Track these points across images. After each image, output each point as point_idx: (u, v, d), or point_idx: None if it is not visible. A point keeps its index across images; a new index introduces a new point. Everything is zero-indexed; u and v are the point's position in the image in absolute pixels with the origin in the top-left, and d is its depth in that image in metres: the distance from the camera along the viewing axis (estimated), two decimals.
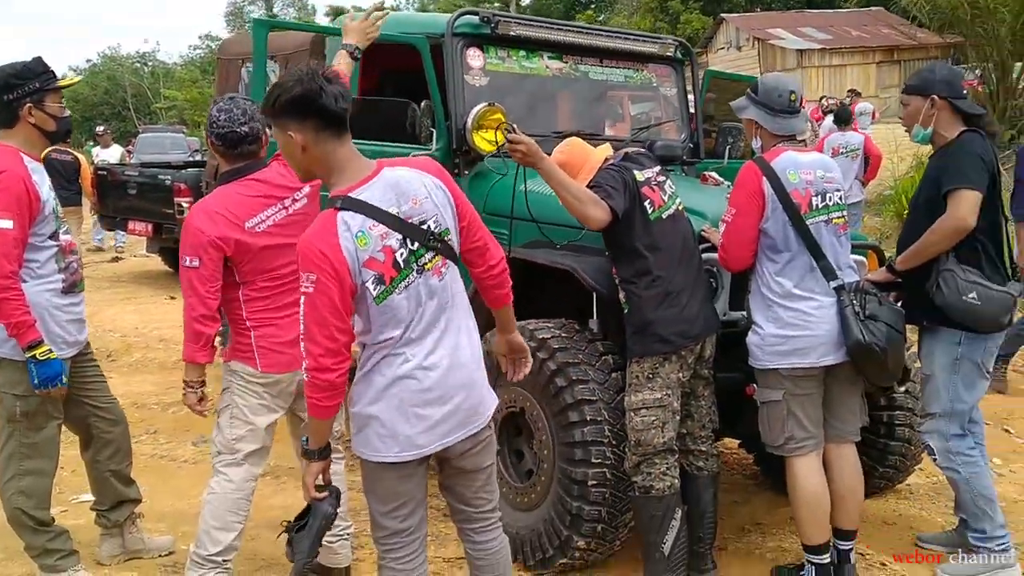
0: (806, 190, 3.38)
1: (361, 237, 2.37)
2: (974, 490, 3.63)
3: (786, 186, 3.35)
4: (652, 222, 3.38)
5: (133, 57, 66.25)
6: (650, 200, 3.40)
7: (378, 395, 2.49)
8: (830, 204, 3.43)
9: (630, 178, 3.39)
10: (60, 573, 3.46)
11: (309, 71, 2.43)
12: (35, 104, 3.32)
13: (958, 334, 3.55)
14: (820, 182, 3.43)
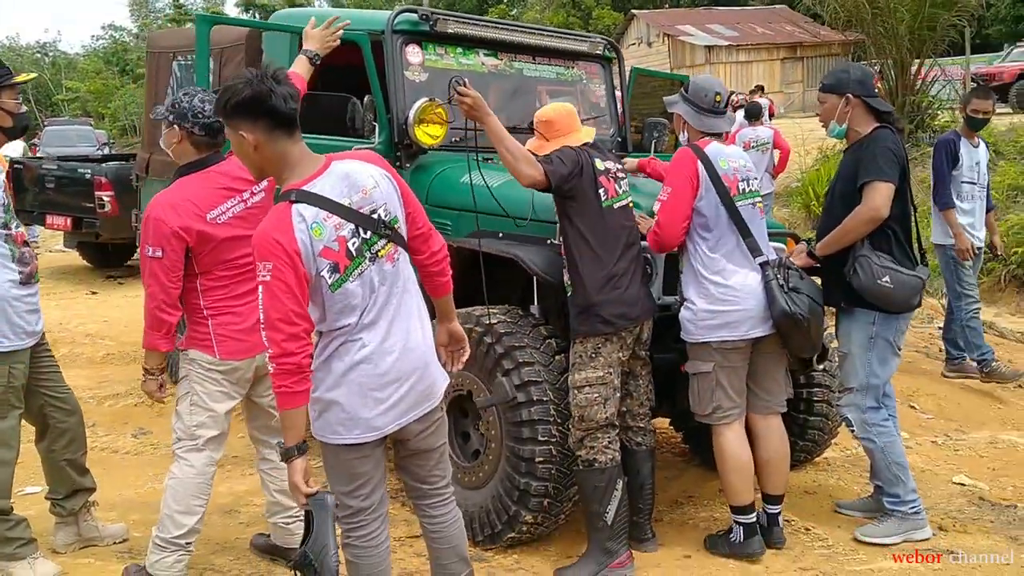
0: (734, 175, 3.70)
1: (316, 228, 2.48)
2: (888, 458, 3.94)
3: (718, 170, 3.65)
4: (603, 209, 3.59)
5: (33, 47, 64.01)
6: (605, 189, 3.62)
7: (337, 381, 2.60)
8: (752, 190, 3.77)
9: (586, 161, 3.61)
10: (19, 560, 3.49)
11: (258, 73, 2.52)
12: None
13: (872, 314, 3.85)
14: (743, 170, 3.76)
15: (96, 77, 48.30)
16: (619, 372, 3.66)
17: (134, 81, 46.64)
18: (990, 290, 9.97)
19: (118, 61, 53.86)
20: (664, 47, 34.49)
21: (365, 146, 4.36)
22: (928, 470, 4.87)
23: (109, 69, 52.06)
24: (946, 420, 5.79)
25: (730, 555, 3.79)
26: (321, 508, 2.55)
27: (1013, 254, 9.07)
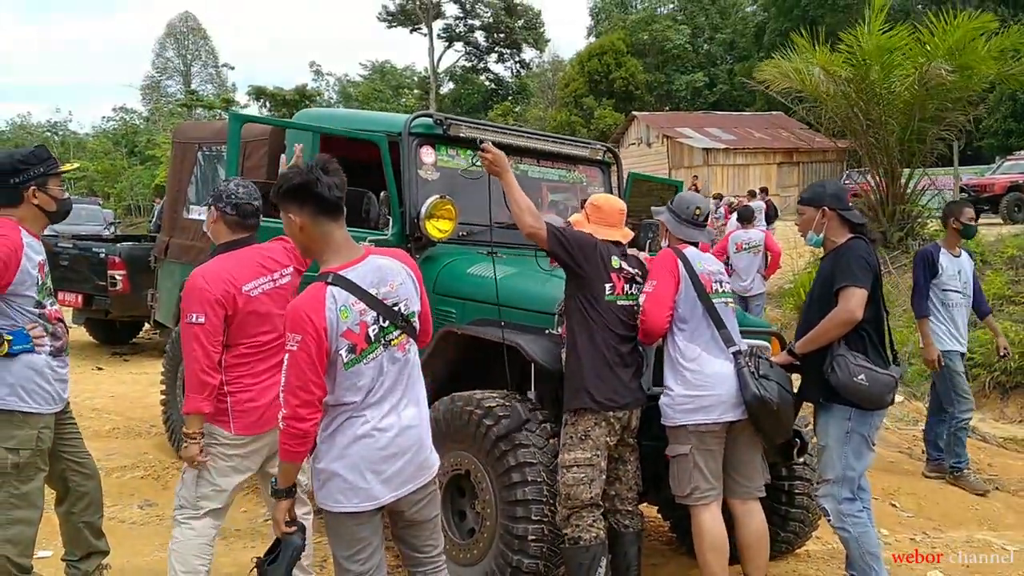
0: (709, 276, 4.06)
1: (344, 311, 2.79)
2: (862, 547, 4.15)
3: (696, 270, 4.01)
4: (606, 301, 3.91)
5: (44, 126, 65.29)
6: (613, 284, 3.95)
7: (340, 453, 2.87)
8: (725, 291, 4.13)
9: (602, 253, 3.97)
10: None
11: (309, 165, 2.88)
12: (39, 187, 3.69)
13: (848, 410, 4.12)
14: (717, 274, 4.13)
15: (104, 157, 49.18)
16: (606, 456, 3.91)
17: (142, 163, 47.57)
18: (976, 395, 10.24)
19: (127, 143, 54.90)
20: (663, 148, 35.35)
21: (377, 237, 4.69)
22: (905, 565, 5.06)
23: (118, 150, 53.02)
24: (925, 519, 5.98)
25: None
26: (288, 547, 2.95)
27: (997, 362, 9.32)
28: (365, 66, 65.55)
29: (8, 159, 3.68)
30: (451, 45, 56.30)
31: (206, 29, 71.45)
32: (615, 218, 4.15)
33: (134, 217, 44.44)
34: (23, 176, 3.67)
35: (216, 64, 70.73)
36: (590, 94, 43.88)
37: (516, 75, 57.66)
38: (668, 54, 47.16)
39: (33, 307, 3.68)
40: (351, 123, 5.55)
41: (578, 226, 4.10)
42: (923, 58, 12.92)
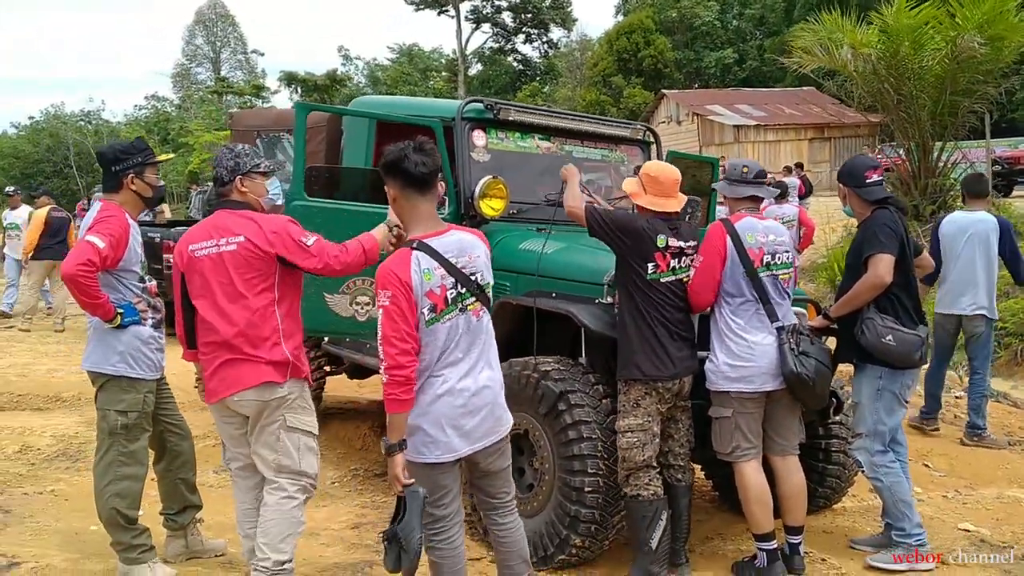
0: (759, 249, 4.25)
1: (427, 273, 3.16)
2: (895, 495, 4.48)
3: (744, 244, 4.22)
4: (648, 280, 4.09)
5: (77, 116, 66.19)
6: (657, 264, 4.10)
7: (423, 410, 3.22)
8: (778, 263, 4.29)
9: (647, 235, 4.10)
10: (140, 564, 4.07)
11: (405, 144, 3.25)
12: (136, 175, 4.08)
13: (879, 370, 4.44)
14: (771, 244, 4.29)
15: None
16: (659, 420, 4.19)
17: (175, 150, 48.26)
18: (1008, 364, 10.47)
19: (160, 130, 55.61)
20: (693, 126, 35.40)
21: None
22: (936, 518, 5.33)
23: (150, 138, 53.76)
24: (957, 478, 6.25)
25: None
26: (414, 498, 3.16)
27: None
28: (393, 49, 65.88)
29: (110, 150, 4.10)
30: (478, 26, 56.41)
31: (234, 16, 71.93)
32: (672, 188, 4.21)
33: (169, 204, 45.15)
34: (123, 164, 4.08)
35: (245, 51, 71.17)
36: (619, 73, 43.95)
37: (544, 55, 57.71)
38: (697, 31, 47.10)
39: (138, 282, 4.09)
40: (407, 110, 5.88)
41: (634, 197, 4.23)
42: (954, 31, 12.99)
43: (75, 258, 3.74)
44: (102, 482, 4.06)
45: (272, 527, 3.56)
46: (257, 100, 49.62)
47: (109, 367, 4.00)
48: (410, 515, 3.13)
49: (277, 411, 3.62)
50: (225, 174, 3.72)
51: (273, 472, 3.63)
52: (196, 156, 40.21)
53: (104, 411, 4.04)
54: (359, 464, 6.32)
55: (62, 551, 4.44)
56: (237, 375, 3.58)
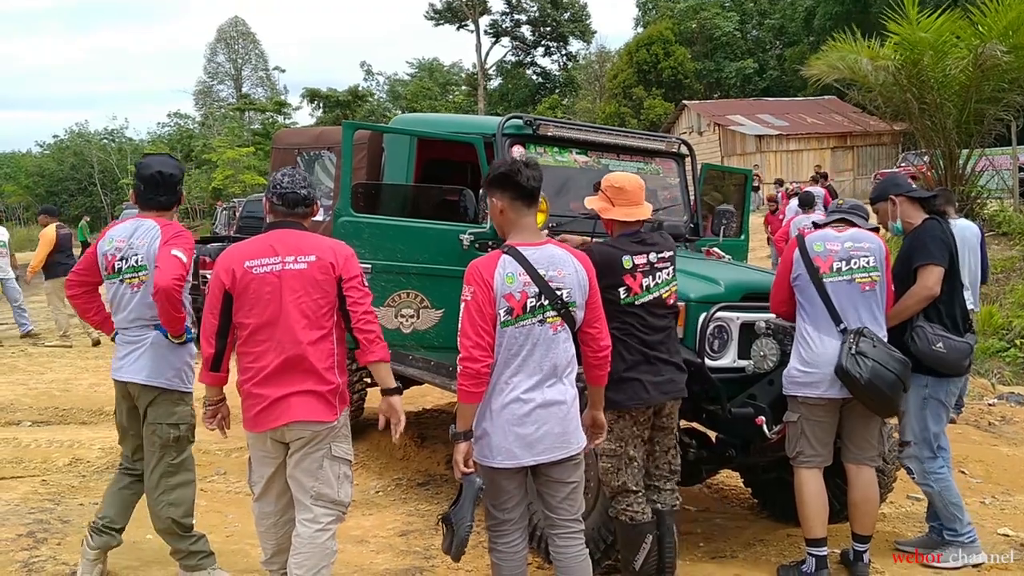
0: (828, 257, 4.33)
1: (510, 277, 3.27)
2: (945, 500, 4.58)
3: (810, 253, 4.35)
4: (621, 306, 3.86)
5: (101, 134, 66.96)
6: (628, 287, 3.86)
7: (492, 416, 3.33)
8: (854, 267, 4.32)
9: (616, 258, 3.90)
10: (201, 571, 4.19)
11: (513, 159, 3.40)
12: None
13: (925, 379, 4.53)
14: (846, 251, 4.35)
15: None
16: (637, 444, 4.02)
17: (198, 167, 48.73)
18: None
19: (183, 147, 56.10)
20: (715, 136, 35.46)
21: (476, 230, 5.13)
22: (976, 524, 5.34)
23: (174, 155, 54.11)
24: (993, 484, 6.29)
25: None
26: (470, 485, 3.30)
27: None
28: (412, 64, 66.35)
29: (179, 168, 4.24)
30: (498, 40, 56.83)
31: (255, 33, 72.66)
32: (638, 195, 4.01)
33: (191, 220, 45.63)
34: (182, 183, 4.20)
35: (266, 67, 71.95)
36: (639, 84, 44.07)
37: (563, 68, 57.98)
38: (717, 42, 47.15)
39: (187, 297, 4.20)
40: (448, 127, 6.02)
41: (603, 212, 4.01)
42: (977, 40, 13.02)
43: (170, 272, 3.83)
44: (155, 493, 4.15)
45: (306, 560, 3.51)
46: (279, 117, 50.14)
47: (164, 381, 4.09)
48: (464, 502, 3.30)
49: (325, 440, 3.55)
50: (314, 196, 3.71)
51: (310, 500, 3.55)
52: (219, 172, 40.64)
53: (156, 425, 4.11)
54: (401, 474, 6.43)
55: (121, 559, 4.56)
56: (293, 404, 3.47)
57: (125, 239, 4.10)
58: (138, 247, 4.07)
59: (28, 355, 11.63)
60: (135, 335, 4.11)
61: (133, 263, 4.07)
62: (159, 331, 4.08)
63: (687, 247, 6.00)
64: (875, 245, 4.41)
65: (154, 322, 4.07)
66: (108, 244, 4.13)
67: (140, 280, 4.06)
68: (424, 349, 5.58)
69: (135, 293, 4.07)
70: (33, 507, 5.28)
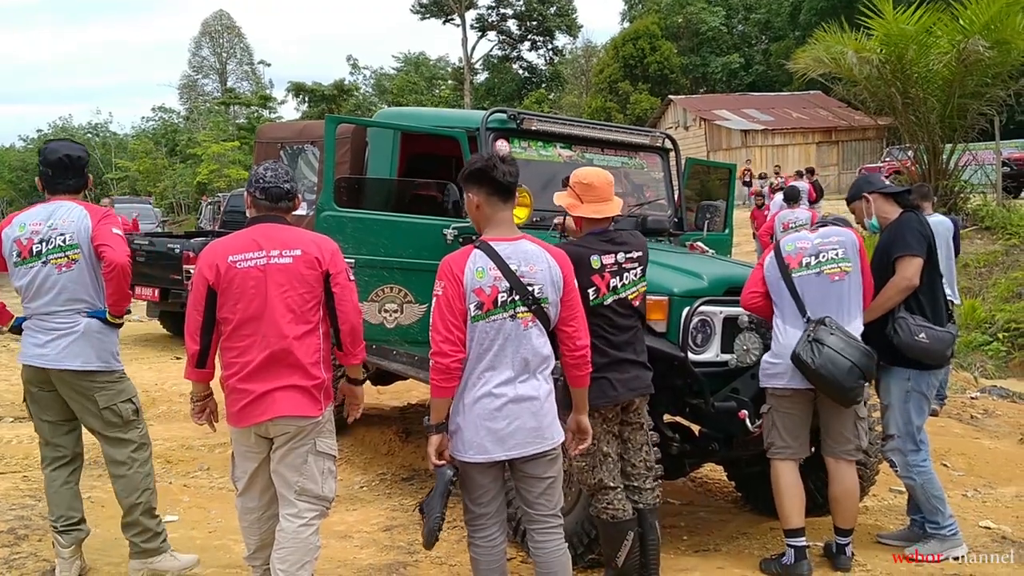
0: (798, 254, 4.43)
1: (480, 271, 3.26)
2: (927, 492, 4.61)
3: (783, 253, 4.45)
4: (592, 307, 3.78)
5: (85, 128, 66.46)
6: (596, 288, 3.83)
7: (465, 409, 3.31)
8: (823, 260, 4.40)
9: (585, 259, 3.84)
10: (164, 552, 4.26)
11: (489, 154, 3.37)
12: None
13: (907, 372, 4.56)
14: (816, 247, 4.44)
15: (145, 157, 49.99)
16: (610, 440, 3.99)
17: (183, 161, 48.49)
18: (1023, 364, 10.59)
19: (168, 142, 55.77)
20: (700, 131, 35.53)
21: (461, 224, 5.12)
22: (958, 516, 5.38)
23: (158, 149, 53.90)
24: (976, 476, 6.33)
25: (781, 574, 4.38)
26: (440, 477, 3.34)
27: None
28: (398, 58, 66.13)
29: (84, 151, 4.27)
30: (484, 34, 56.66)
31: (240, 27, 72.29)
32: (607, 191, 3.95)
33: (176, 215, 45.42)
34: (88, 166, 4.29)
35: (251, 62, 71.60)
36: (625, 79, 44.07)
37: (549, 62, 57.91)
38: (703, 36, 47.16)
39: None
40: (432, 121, 6.00)
41: (571, 209, 3.97)
42: (960, 35, 13.08)
43: (122, 249, 3.93)
44: (129, 471, 4.16)
45: (289, 555, 3.48)
46: (264, 111, 49.91)
47: (102, 364, 4.09)
48: (434, 492, 3.32)
49: (309, 435, 3.52)
50: (296, 190, 3.67)
51: (294, 495, 3.52)
52: (204, 167, 40.45)
53: (112, 407, 4.12)
54: (386, 469, 6.42)
55: (103, 556, 4.54)
56: (278, 399, 3.43)
57: (42, 221, 4.04)
58: (63, 227, 4.02)
59: (10, 351, 11.54)
60: (61, 321, 4.03)
61: (60, 243, 4.01)
62: (93, 316, 4.07)
63: (671, 241, 6.01)
64: (845, 238, 4.47)
65: (86, 307, 4.06)
66: (20, 230, 4.05)
67: (70, 259, 4.01)
68: (408, 344, 5.57)
69: (63, 273, 4.02)
70: (14, 503, 5.24)
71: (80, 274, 4.02)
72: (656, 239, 5.77)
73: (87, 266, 4.04)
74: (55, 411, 4.17)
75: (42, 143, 29.77)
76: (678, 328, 4.48)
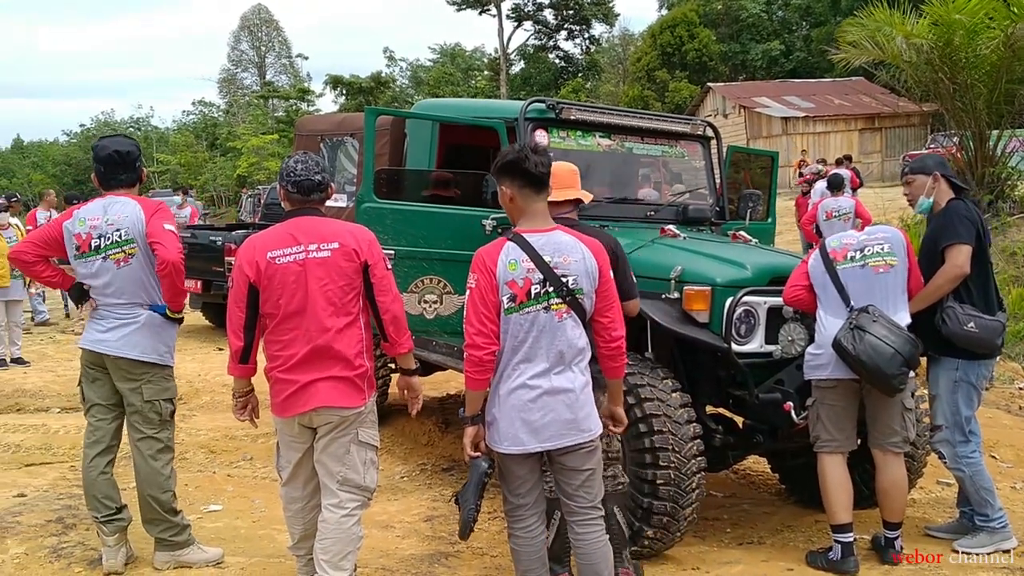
0: (843, 248, 4.37)
1: (512, 263, 3.23)
2: (976, 484, 4.51)
3: (828, 249, 4.38)
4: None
5: (127, 122, 67.39)
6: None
7: (501, 401, 3.30)
8: (868, 254, 4.33)
9: None
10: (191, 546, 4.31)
11: (521, 146, 3.33)
12: None
13: (955, 361, 4.47)
14: (861, 242, 4.38)
15: (186, 150, 50.56)
16: None
17: (223, 154, 48.98)
18: None
19: (208, 135, 56.32)
20: (740, 118, 35.16)
21: (499, 215, 5.10)
22: (1007, 509, 5.29)
23: (199, 143, 54.49)
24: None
25: (828, 570, 4.31)
26: (475, 469, 3.35)
27: None
28: (434, 50, 66.21)
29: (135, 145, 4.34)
30: (520, 24, 56.41)
31: (278, 20, 72.76)
32: (570, 179, 4.02)
33: (217, 208, 45.92)
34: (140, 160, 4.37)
35: (290, 55, 72.05)
36: (663, 67, 43.75)
37: (586, 51, 57.59)
38: (743, 23, 46.63)
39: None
40: (470, 112, 5.99)
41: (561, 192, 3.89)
42: (1008, 20, 12.81)
43: (175, 246, 4.00)
44: (165, 470, 4.22)
45: (332, 546, 3.52)
46: (302, 103, 50.24)
47: (158, 357, 4.16)
48: (468, 484, 3.34)
49: (352, 425, 3.56)
50: (329, 180, 3.65)
51: (336, 484, 3.55)
52: (244, 160, 40.81)
53: (154, 401, 4.18)
54: (426, 459, 6.44)
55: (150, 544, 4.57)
56: (321, 390, 3.47)
57: (99, 216, 4.10)
58: (119, 222, 4.08)
59: (56, 342, 11.75)
60: (124, 312, 4.12)
61: (116, 238, 4.07)
62: (153, 310, 4.14)
63: (712, 230, 5.94)
64: (892, 236, 4.42)
65: (146, 302, 4.13)
66: (80, 224, 4.11)
67: (127, 254, 4.08)
68: (447, 335, 5.57)
69: (121, 268, 4.08)
70: (62, 493, 5.32)
71: (138, 268, 4.09)
72: (698, 228, 5.71)
73: (144, 260, 4.10)
74: (105, 395, 4.23)
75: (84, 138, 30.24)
76: (721, 319, 4.42)
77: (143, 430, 4.20)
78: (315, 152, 7.55)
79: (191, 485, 5.62)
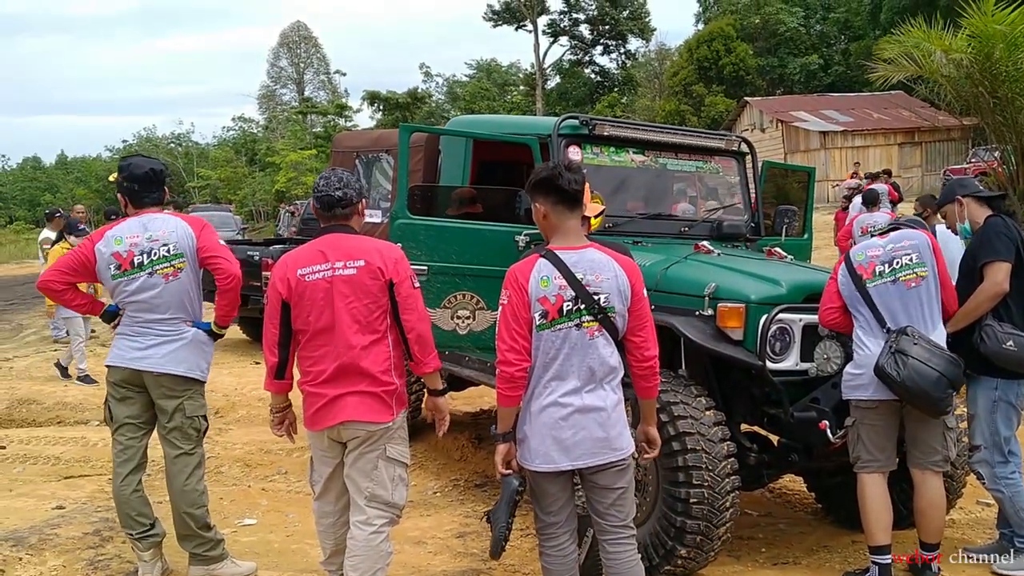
0: (870, 263, 4.28)
1: (545, 280, 3.23)
2: (1016, 505, 4.42)
3: (854, 263, 4.30)
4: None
5: (168, 138, 68.33)
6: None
7: (532, 418, 3.29)
8: (897, 267, 4.25)
9: None
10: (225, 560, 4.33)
11: (554, 164, 3.35)
12: None
13: (994, 381, 4.39)
14: (888, 253, 4.28)
15: (226, 165, 51.11)
16: None
17: (262, 169, 49.51)
18: None
19: (247, 151, 56.91)
20: (778, 133, 34.90)
21: (531, 231, 5.10)
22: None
23: (238, 158, 55.08)
24: None
25: None
26: (506, 487, 3.35)
27: None
28: (470, 65, 66.49)
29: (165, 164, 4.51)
30: (556, 40, 56.53)
31: (317, 37, 73.52)
32: None
33: (255, 222, 46.40)
34: None
35: (328, 71, 72.73)
36: (699, 81, 43.56)
37: (622, 66, 57.55)
38: (780, 37, 46.36)
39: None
40: (504, 128, 6.01)
41: None
42: None
43: (236, 260, 4.11)
44: (188, 485, 4.23)
45: (362, 563, 3.53)
46: (340, 119, 50.69)
47: (200, 374, 4.23)
48: (500, 502, 3.33)
49: (380, 441, 3.57)
50: (354, 195, 3.64)
51: (364, 500, 3.57)
52: (283, 175, 41.24)
53: (193, 417, 4.22)
54: (459, 475, 6.43)
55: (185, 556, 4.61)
56: (348, 404, 3.50)
57: (139, 234, 4.12)
58: (164, 238, 4.10)
59: (97, 355, 11.90)
60: (167, 329, 4.12)
61: (164, 254, 4.08)
62: (199, 327, 4.19)
63: (747, 246, 5.90)
64: (917, 240, 4.32)
65: (189, 318, 4.17)
66: (117, 244, 4.10)
67: (176, 268, 4.10)
68: (480, 351, 5.57)
69: (170, 283, 4.09)
70: (100, 505, 5.38)
71: (186, 283, 4.14)
72: (732, 244, 5.68)
73: (192, 276, 4.16)
74: (136, 413, 4.23)
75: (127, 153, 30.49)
76: (756, 336, 4.38)
77: (181, 446, 4.23)
78: (350, 168, 7.62)
79: (226, 499, 5.68)
